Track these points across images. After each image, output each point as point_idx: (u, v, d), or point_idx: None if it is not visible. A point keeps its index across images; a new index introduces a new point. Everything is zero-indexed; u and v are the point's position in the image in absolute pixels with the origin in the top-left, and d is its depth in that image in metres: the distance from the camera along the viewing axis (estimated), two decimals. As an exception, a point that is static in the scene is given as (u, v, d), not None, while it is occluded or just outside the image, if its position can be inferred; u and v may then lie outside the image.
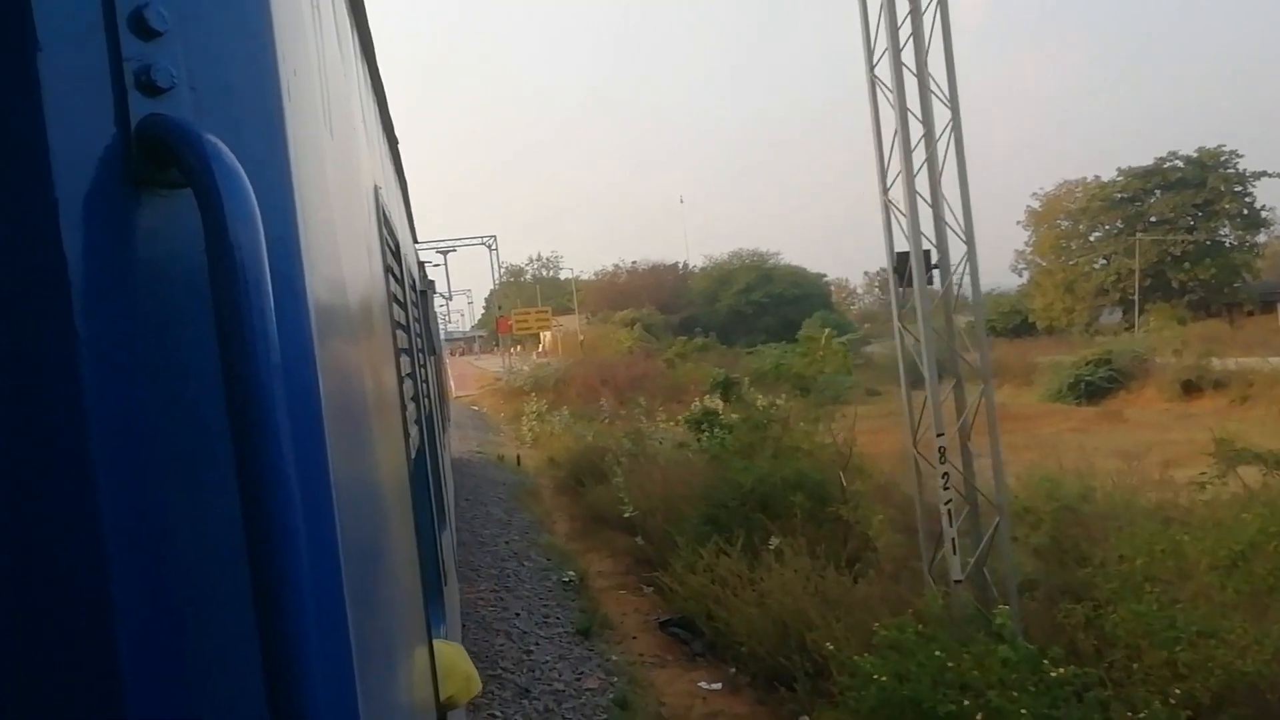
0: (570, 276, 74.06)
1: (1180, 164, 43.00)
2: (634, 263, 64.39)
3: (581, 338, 47.97)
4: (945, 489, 5.89)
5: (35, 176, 0.51)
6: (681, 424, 14.70)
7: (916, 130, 5.99)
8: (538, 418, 20.86)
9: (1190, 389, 24.72)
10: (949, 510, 5.86)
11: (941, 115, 5.97)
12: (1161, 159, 43.62)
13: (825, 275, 59.87)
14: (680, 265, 62.19)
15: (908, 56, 5.98)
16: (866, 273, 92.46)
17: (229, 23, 0.66)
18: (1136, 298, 40.87)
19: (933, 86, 5.97)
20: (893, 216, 6.21)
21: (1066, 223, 48.03)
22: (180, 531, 0.57)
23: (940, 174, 5.99)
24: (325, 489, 0.68)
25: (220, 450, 0.56)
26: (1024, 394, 28.02)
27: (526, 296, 65.82)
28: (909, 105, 5.98)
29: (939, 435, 5.91)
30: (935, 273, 6.18)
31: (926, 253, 6.10)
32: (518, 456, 17.84)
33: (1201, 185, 41.89)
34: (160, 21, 0.58)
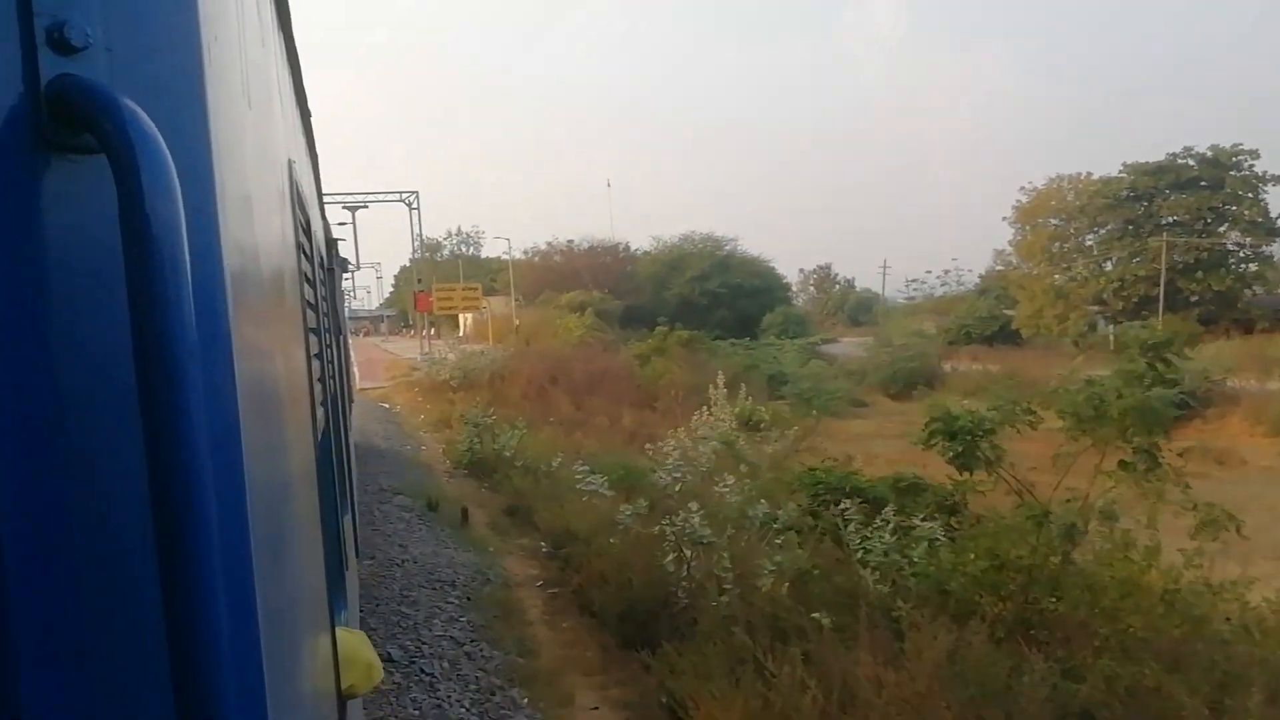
0: (494, 255, 73.87)
1: (1192, 162, 43.66)
2: (569, 241, 63.41)
3: (517, 323, 46.72)
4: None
5: None
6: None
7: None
8: (480, 432, 15.46)
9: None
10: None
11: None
12: (1174, 155, 44.22)
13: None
14: (621, 247, 61.59)
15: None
16: (802, 270, 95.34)
17: None
18: (1160, 306, 40.92)
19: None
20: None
21: (1058, 221, 49.23)
22: (86, 515, 0.62)
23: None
24: (238, 472, 0.74)
25: (130, 430, 0.60)
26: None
27: (443, 274, 64.55)
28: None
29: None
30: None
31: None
32: (464, 511, 11.34)
33: (1218, 187, 42.68)
34: None
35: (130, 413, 0.59)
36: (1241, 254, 44.08)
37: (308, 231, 2.46)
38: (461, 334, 55.66)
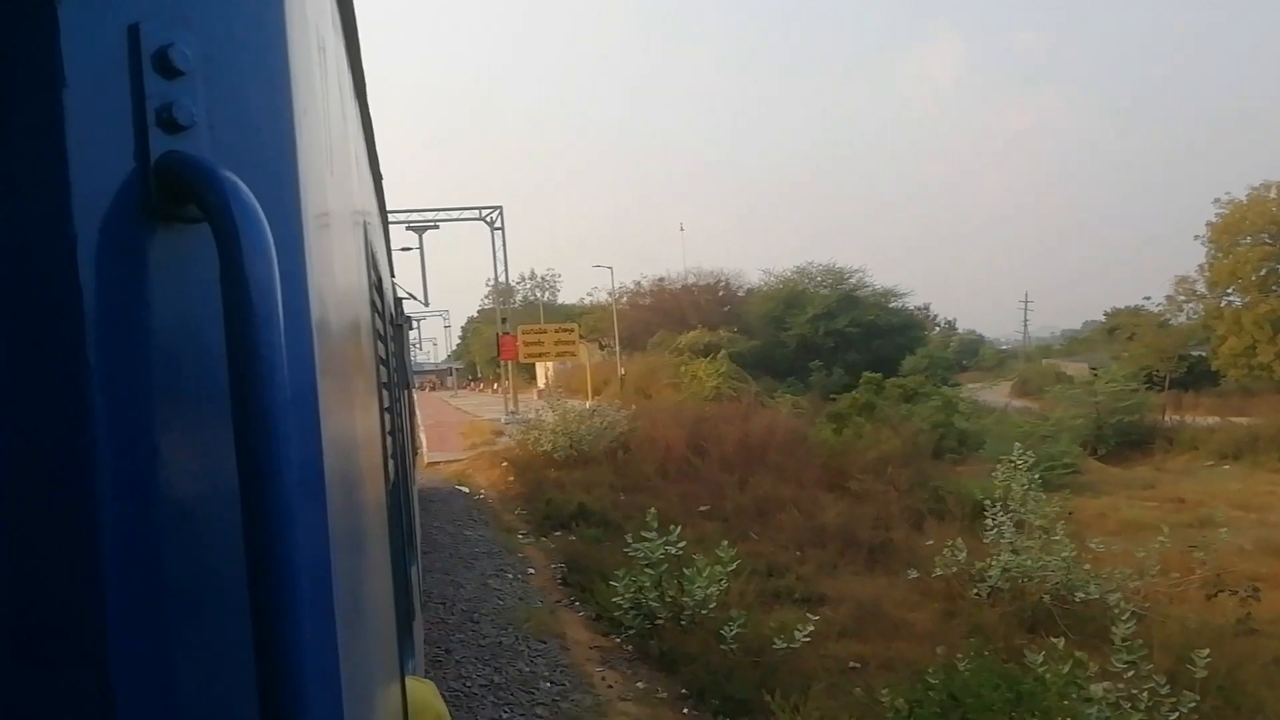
0: (571, 301, 72.43)
1: None
2: (660, 279, 62.00)
3: (622, 371, 43.90)
4: None
5: (55, 208, 0.67)
6: None
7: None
8: (661, 577, 9.96)
9: None
10: None
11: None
12: None
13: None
14: (722, 283, 60.22)
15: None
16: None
17: (248, 64, 0.86)
18: None
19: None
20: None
21: (1270, 239, 47.12)
22: (182, 566, 0.74)
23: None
24: (322, 525, 0.89)
25: (225, 484, 0.72)
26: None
27: (519, 320, 65.08)
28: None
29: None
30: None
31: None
32: None
33: None
34: (183, 61, 0.75)
35: (227, 469, 0.71)
36: None
37: (379, 289, 2.86)
38: (542, 387, 55.70)
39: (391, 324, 4.03)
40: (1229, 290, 48.28)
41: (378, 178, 3.83)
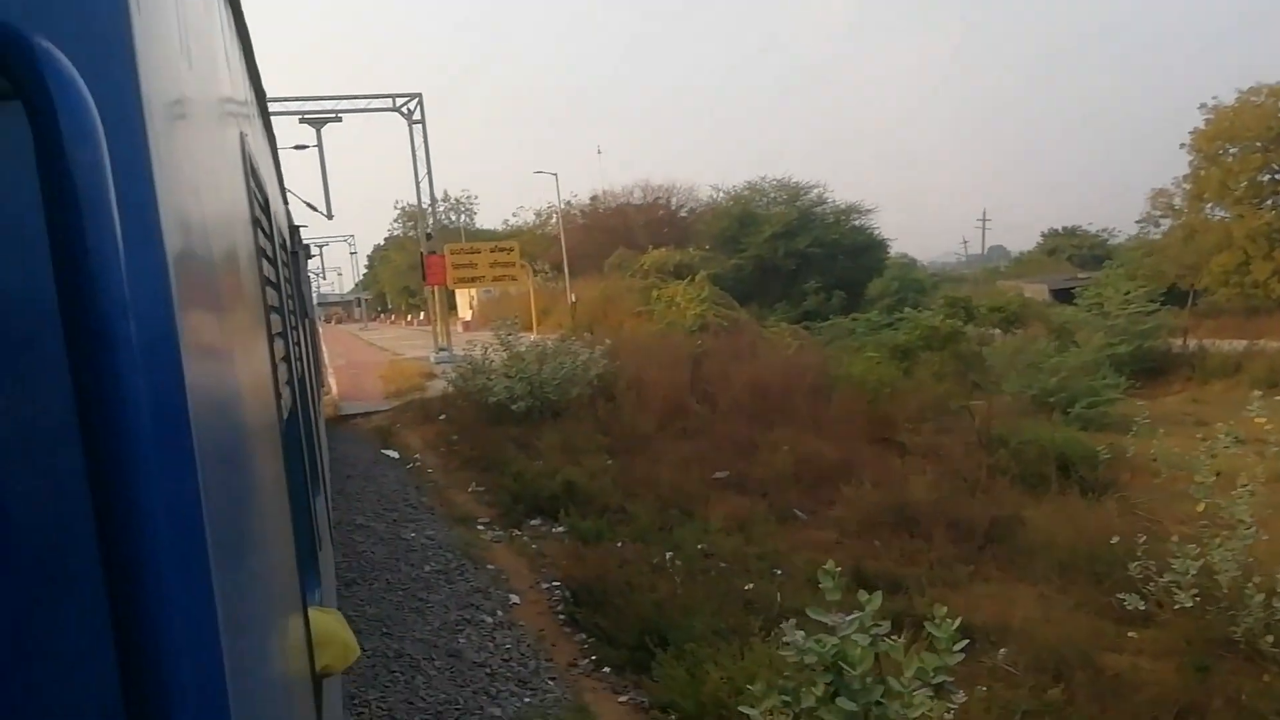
0: (489, 226, 68.81)
1: None
2: (592, 197, 58.17)
3: (573, 298, 39.55)
4: None
5: None
6: None
7: None
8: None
9: None
10: None
11: None
12: None
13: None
14: (674, 198, 56.95)
15: None
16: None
17: None
18: None
19: None
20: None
21: (1264, 147, 44.18)
22: (16, 493, 0.70)
23: None
24: (184, 447, 0.84)
25: (60, 400, 0.65)
26: None
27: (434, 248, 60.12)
28: None
29: None
30: None
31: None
32: None
33: None
34: None
35: (61, 388, 0.64)
36: None
37: (266, 209, 2.69)
38: (466, 319, 50.40)
39: (284, 249, 3.85)
40: (1211, 203, 45.91)
41: (260, 93, 3.71)
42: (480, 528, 11.60)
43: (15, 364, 0.68)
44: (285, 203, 6.12)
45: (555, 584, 9.30)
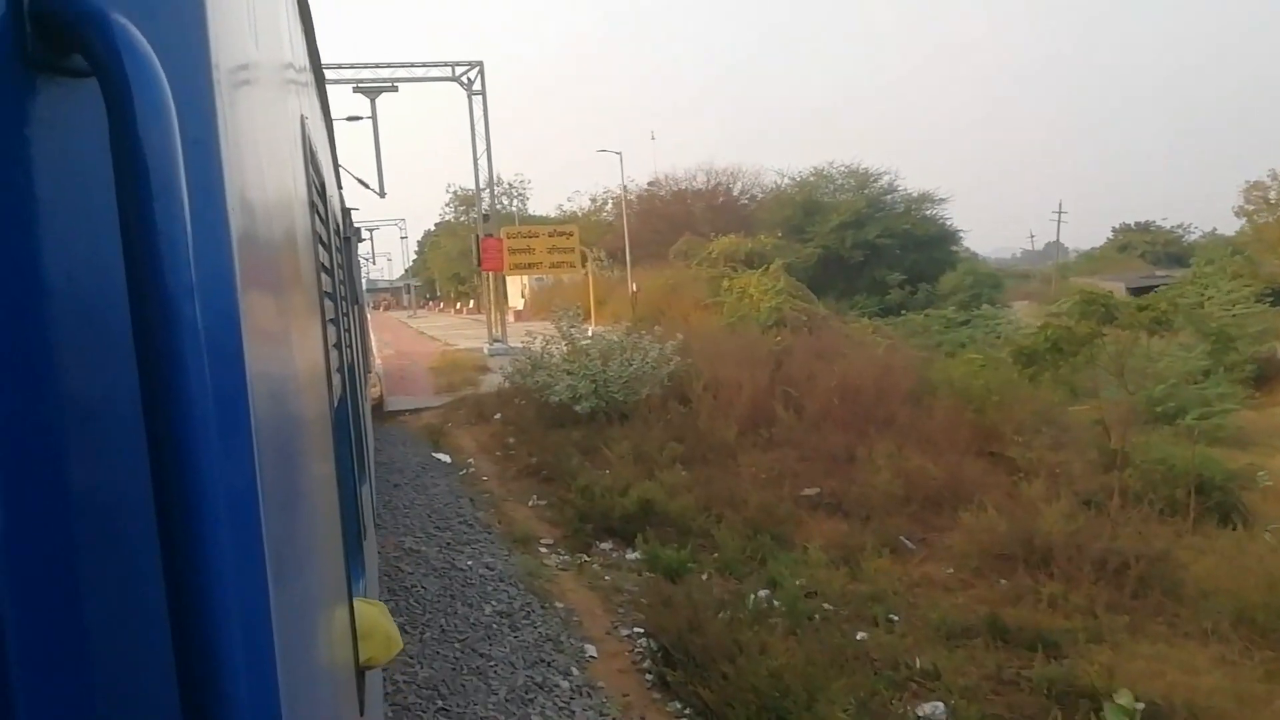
0: (542, 213, 67.76)
1: None
2: (652, 181, 56.63)
3: (634, 288, 37.65)
4: None
5: None
6: None
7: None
8: None
9: None
10: None
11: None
12: None
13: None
14: (735, 184, 55.20)
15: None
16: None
17: None
18: None
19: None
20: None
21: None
22: (75, 471, 0.66)
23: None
24: (244, 432, 0.82)
25: (123, 380, 0.64)
26: None
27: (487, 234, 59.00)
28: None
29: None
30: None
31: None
32: None
33: None
34: None
35: (126, 364, 0.63)
36: None
37: (322, 194, 2.65)
38: (519, 308, 49.08)
39: (337, 234, 3.82)
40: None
41: (320, 78, 3.72)
42: (544, 550, 10.48)
43: (81, 345, 0.65)
44: (339, 186, 6.03)
45: (637, 630, 7.99)
